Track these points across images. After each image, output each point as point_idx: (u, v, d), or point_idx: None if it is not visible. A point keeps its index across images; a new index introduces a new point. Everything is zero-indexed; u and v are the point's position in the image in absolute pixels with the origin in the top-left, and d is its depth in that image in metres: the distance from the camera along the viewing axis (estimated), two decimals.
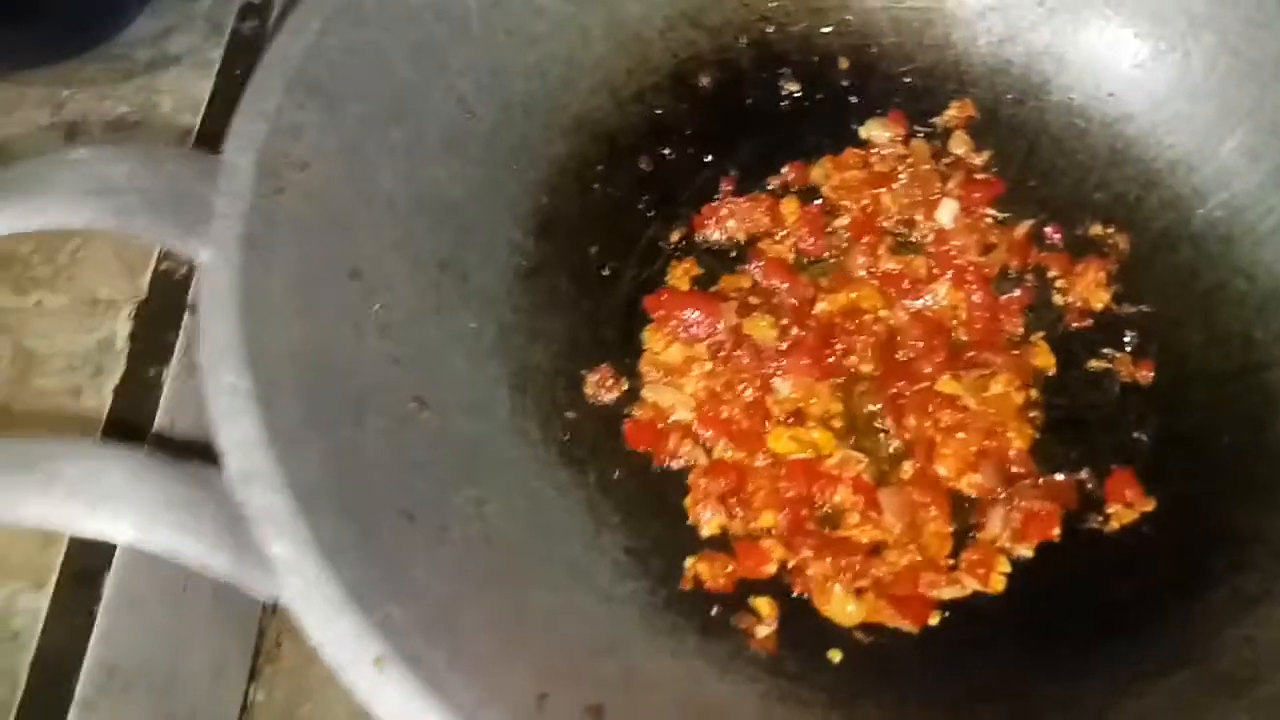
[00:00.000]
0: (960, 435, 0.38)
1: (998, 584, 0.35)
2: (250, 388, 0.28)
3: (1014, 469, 0.38)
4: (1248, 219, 0.40)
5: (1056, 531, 0.36)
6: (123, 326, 0.41)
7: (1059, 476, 0.37)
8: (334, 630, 0.24)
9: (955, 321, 0.41)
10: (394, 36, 0.38)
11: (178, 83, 0.48)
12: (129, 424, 0.38)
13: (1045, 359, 0.40)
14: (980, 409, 0.38)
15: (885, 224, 0.43)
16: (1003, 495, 0.37)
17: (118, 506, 0.23)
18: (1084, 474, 0.37)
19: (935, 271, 0.41)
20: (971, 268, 0.41)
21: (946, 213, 0.42)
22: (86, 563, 0.36)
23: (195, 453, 0.28)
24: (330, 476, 0.28)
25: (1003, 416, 0.38)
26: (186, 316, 0.41)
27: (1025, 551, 0.36)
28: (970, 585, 0.35)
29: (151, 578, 0.38)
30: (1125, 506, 0.36)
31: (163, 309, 0.41)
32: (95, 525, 0.23)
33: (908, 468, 0.38)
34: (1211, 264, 0.40)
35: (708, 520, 0.37)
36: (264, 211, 0.31)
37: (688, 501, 0.37)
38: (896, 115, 0.45)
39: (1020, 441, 0.38)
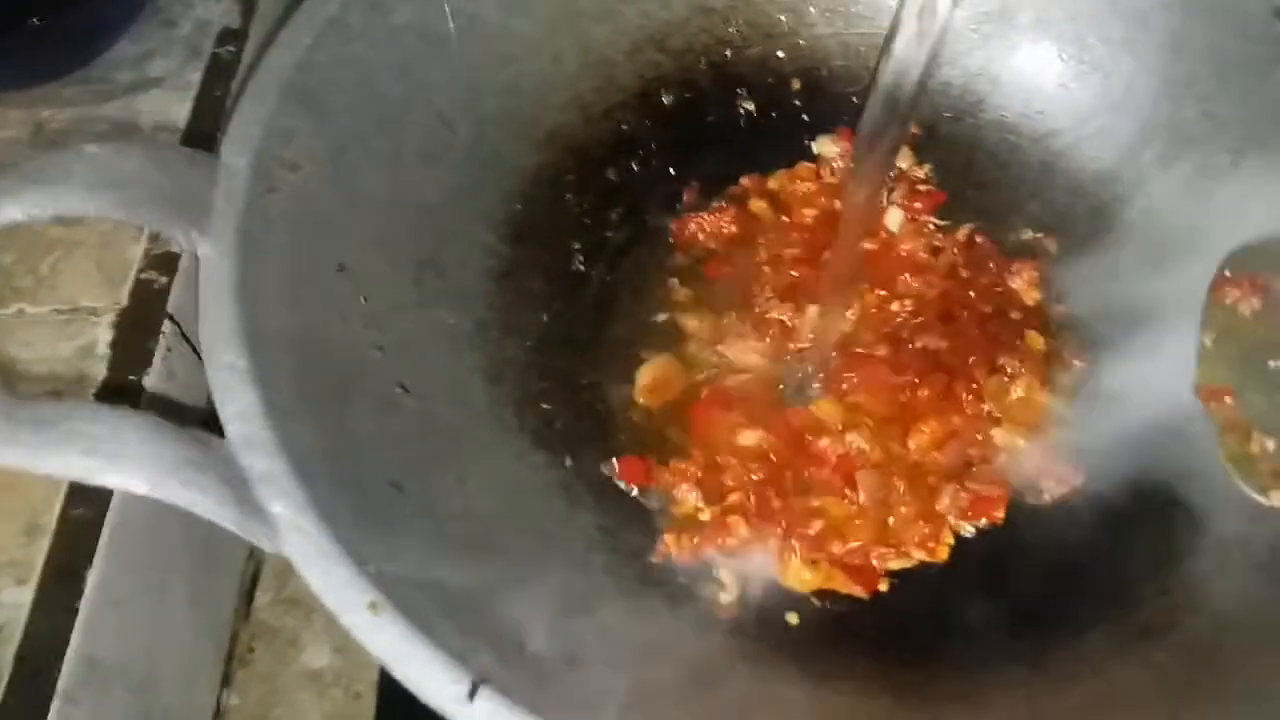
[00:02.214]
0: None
1: (943, 554, 0.38)
2: (247, 366, 0.30)
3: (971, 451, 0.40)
4: (1165, 222, 0.43)
5: (1001, 514, 0.39)
6: (104, 334, 0.42)
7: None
8: (331, 580, 0.27)
9: None
10: (378, 53, 0.40)
11: (157, 104, 0.49)
12: None
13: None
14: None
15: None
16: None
17: (135, 462, 0.25)
18: None
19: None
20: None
21: (893, 219, 0.46)
22: (69, 559, 0.37)
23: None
24: (323, 447, 0.30)
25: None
26: (166, 325, 0.43)
27: (969, 528, 0.39)
28: (917, 556, 0.38)
29: (131, 577, 0.39)
30: (1058, 483, 0.40)
31: (143, 317, 0.43)
32: (114, 478, 0.25)
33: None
34: (1132, 264, 0.43)
35: (682, 499, 0.39)
36: (258, 209, 0.34)
37: (666, 479, 0.39)
38: (845, 132, 0.49)
39: None
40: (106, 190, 0.29)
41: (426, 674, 0.25)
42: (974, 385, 0.41)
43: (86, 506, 0.39)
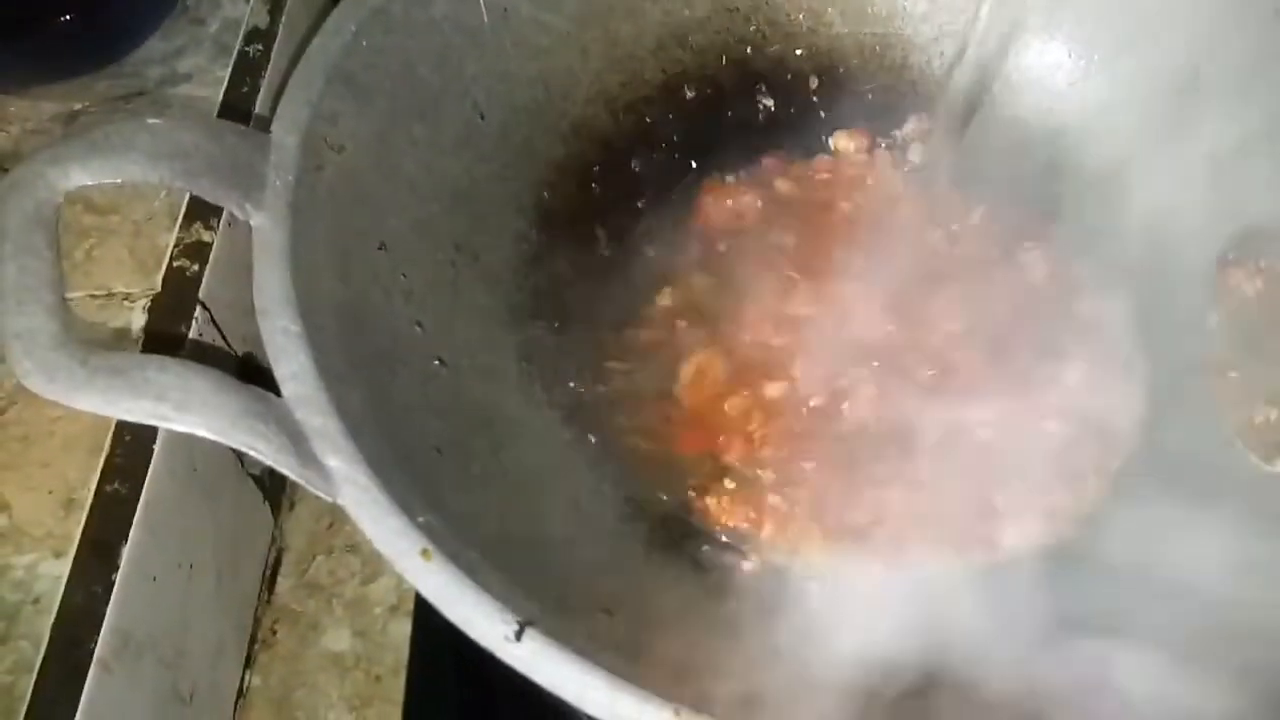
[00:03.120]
0: None
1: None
2: (300, 330, 0.31)
3: None
4: (1171, 215, 0.44)
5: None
6: (138, 318, 0.43)
7: None
8: (385, 528, 0.28)
9: None
10: (417, 42, 0.41)
11: (187, 99, 0.51)
12: None
13: None
14: None
15: None
16: None
17: (203, 410, 0.27)
18: None
19: None
20: None
21: None
22: (105, 534, 0.38)
23: None
24: (370, 409, 0.32)
25: None
26: (197, 311, 0.45)
27: None
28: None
29: (163, 555, 0.40)
30: None
31: (176, 302, 0.44)
32: (184, 423, 0.26)
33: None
34: (1139, 256, 0.45)
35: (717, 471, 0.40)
36: (307, 184, 0.35)
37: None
38: (861, 130, 0.50)
39: None
40: (168, 160, 0.31)
41: (476, 616, 0.26)
42: None
43: (122, 482, 0.40)
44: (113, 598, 0.36)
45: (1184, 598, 0.32)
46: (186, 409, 0.26)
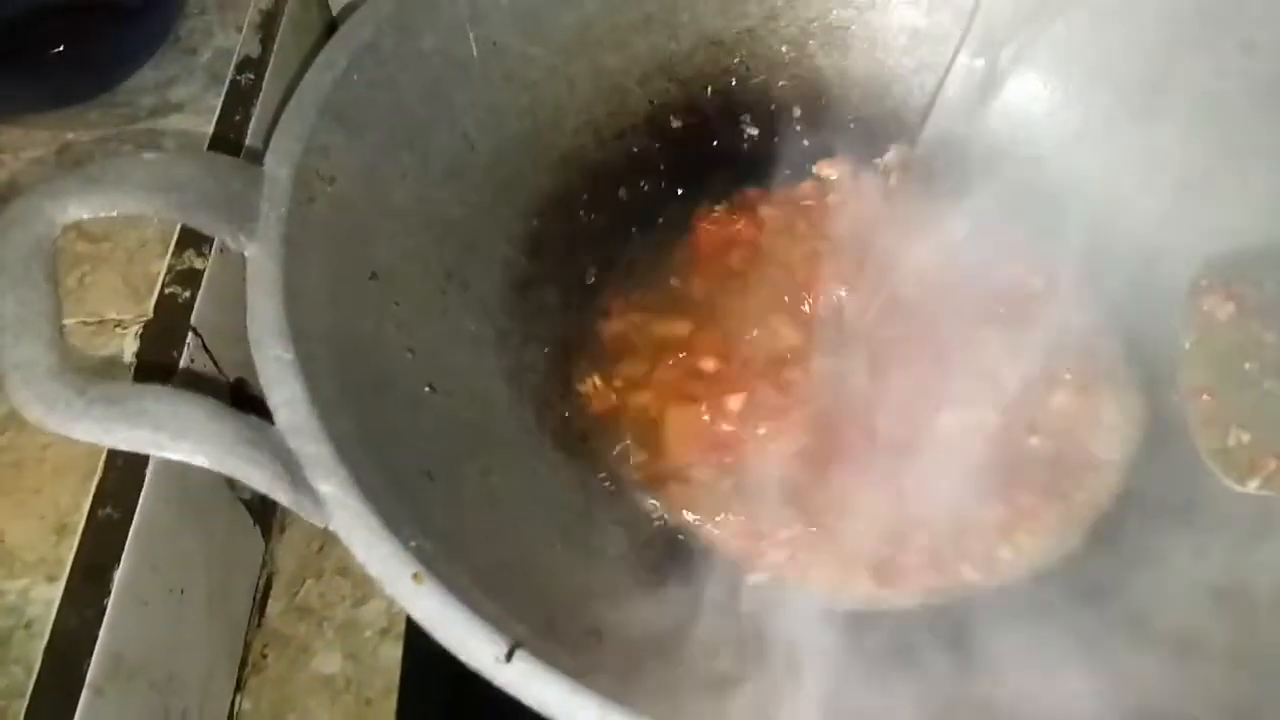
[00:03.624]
0: None
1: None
2: (293, 359, 0.32)
3: None
4: (1144, 241, 0.46)
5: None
6: (130, 345, 0.43)
7: None
8: (377, 553, 0.28)
9: None
10: (408, 75, 0.42)
11: (179, 128, 0.50)
12: None
13: None
14: None
15: None
16: None
17: (198, 438, 0.27)
18: None
19: None
20: None
21: None
22: (96, 558, 0.38)
23: None
24: (362, 436, 0.32)
25: None
26: (189, 337, 0.45)
27: None
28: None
29: (154, 579, 0.40)
30: None
31: (167, 329, 0.44)
32: (179, 452, 0.27)
33: None
34: (1121, 280, 0.46)
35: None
36: (299, 216, 0.36)
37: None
38: (843, 158, 0.51)
39: None
40: (163, 193, 0.31)
41: (466, 638, 0.27)
42: None
43: (114, 507, 0.40)
44: (105, 622, 0.37)
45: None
46: (182, 437, 0.27)
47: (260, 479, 0.27)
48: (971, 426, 0.42)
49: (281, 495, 0.28)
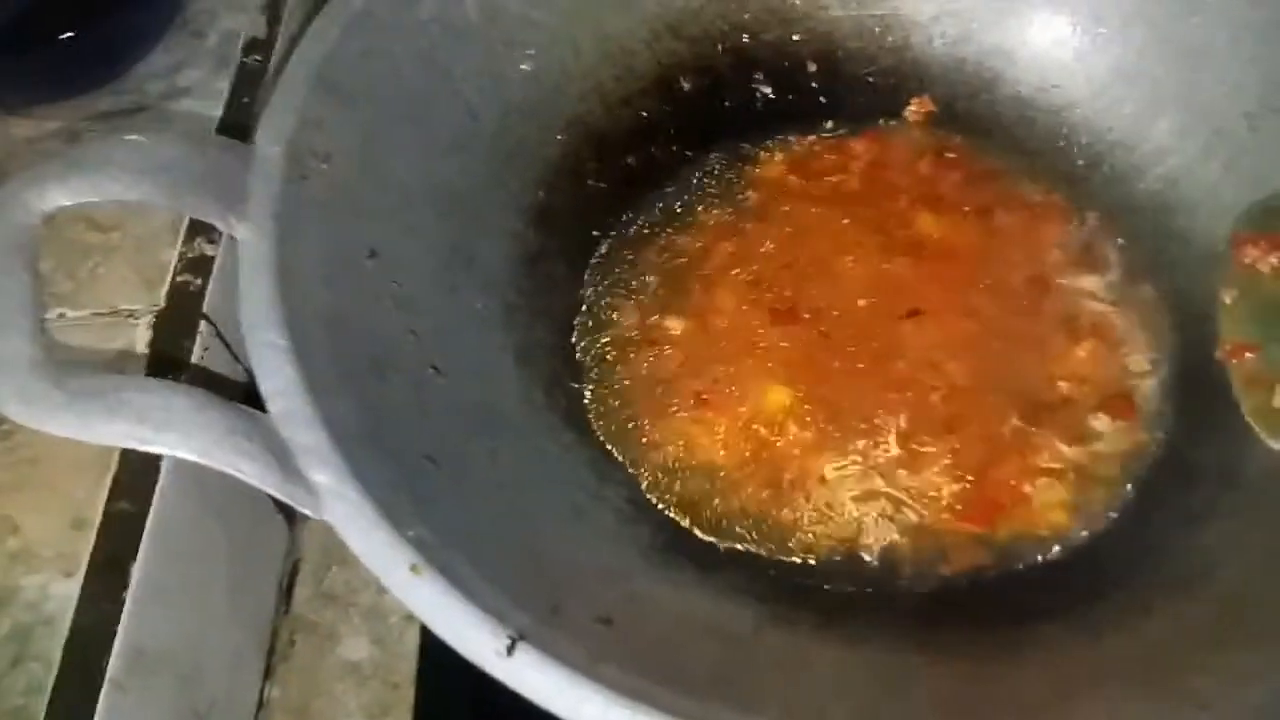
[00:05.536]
0: None
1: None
2: (287, 344, 0.31)
3: None
4: (1181, 190, 0.43)
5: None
6: (142, 335, 0.43)
7: None
8: (372, 543, 0.27)
9: None
10: (405, 44, 0.41)
11: (188, 112, 0.50)
12: None
13: None
14: None
15: None
16: None
17: (183, 430, 0.26)
18: None
19: None
20: None
21: None
22: (114, 552, 0.37)
23: None
24: (360, 422, 0.31)
25: None
26: (202, 325, 0.44)
27: None
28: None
29: (174, 571, 0.40)
30: None
31: (179, 318, 0.43)
32: (164, 445, 0.26)
33: None
34: (1151, 231, 0.44)
35: None
36: (292, 195, 0.35)
37: None
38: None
39: None
40: (149, 176, 0.31)
41: (466, 631, 0.26)
42: None
43: (130, 500, 0.40)
44: (124, 616, 0.36)
45: None
46: (166, 429, 0.26)
47: (250, 471, 0.27)
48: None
49: (273, 487, 0.27)
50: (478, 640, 0.26)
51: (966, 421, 0.40)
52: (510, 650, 0.25)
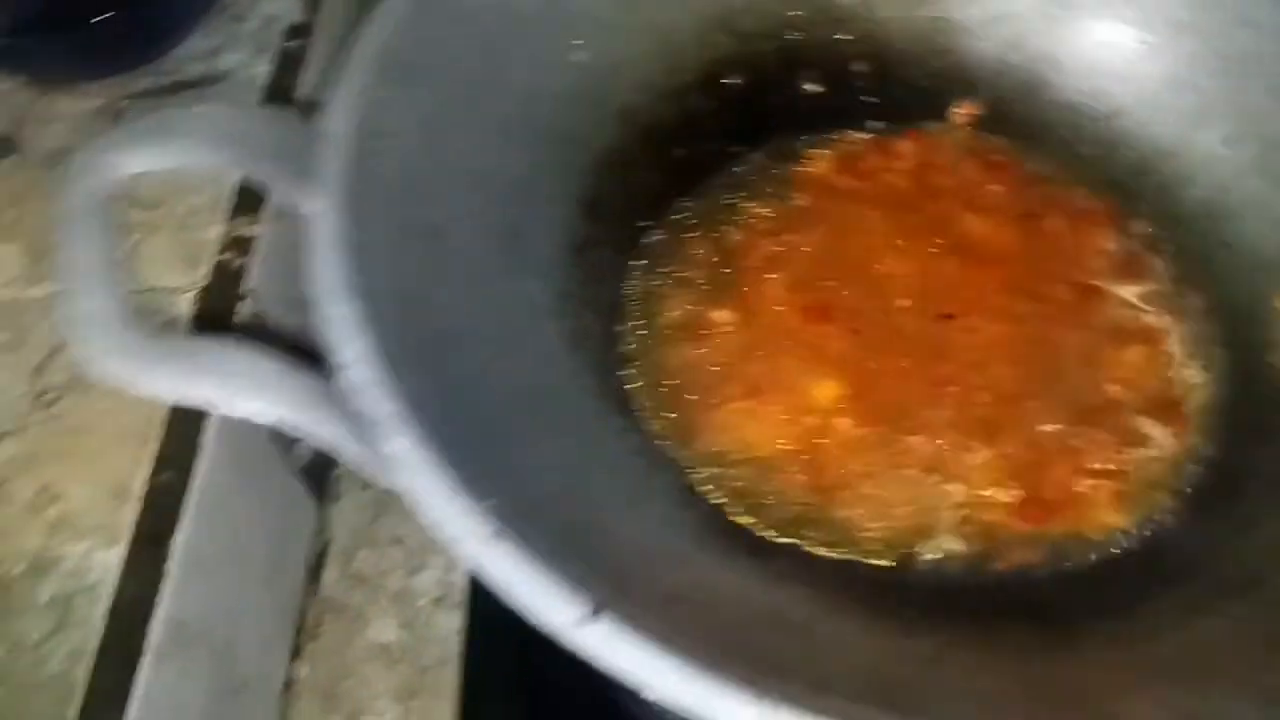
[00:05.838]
0: None
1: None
2: (360, 315, 0.31)
3: None
4: (1231, 199, 0.44)
5: None
6: (184, 313, 0.43)
7: None
8: (451, 510, 0.27)
9: None
10: (465, 30, 0.41)
11: (227, 95, 0.50)
12: None
13: None
14: None
15: None
16: None
17: (264, 394, 0.26)
18: None
19: None
20: None
21: None
22: (156, 523, 0.38)
23: None
24: (430, 394, 0.31)
25: None
26: (241, 304, 0.45)
27: None
28: None
29: (213, 545, 0.40)
30: None
31: (222, 295, 0.44)
32: (245, 408, 0.26)
33: None
34: (1200, 239, 0.44)
35: None
36: (360, 171, 0.35)
37: None
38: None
39: None
40: (229, 145, 0.31)
41: (546, 599, 0.26)
42: None
43: (172, 472, 0.40)
44: (165, 587, 0.37)
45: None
46: (249, 393, 0.26)
47: (327, 436, 0.26)
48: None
49: (348, 454, 0.27)
50: (560, 608, 0.25)
51: (1015, 422, 0.40)
52: (593, 617, 0.25)
